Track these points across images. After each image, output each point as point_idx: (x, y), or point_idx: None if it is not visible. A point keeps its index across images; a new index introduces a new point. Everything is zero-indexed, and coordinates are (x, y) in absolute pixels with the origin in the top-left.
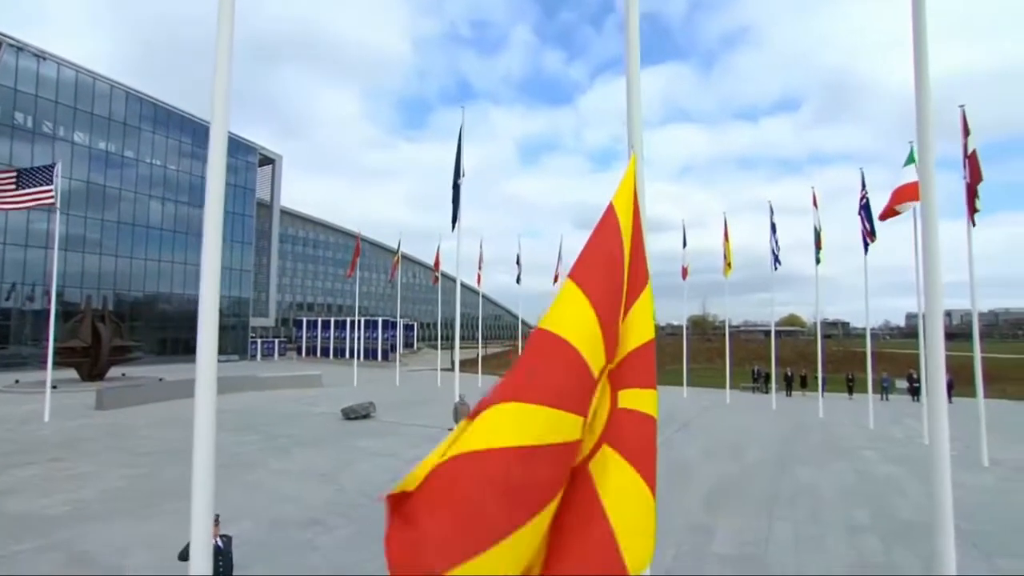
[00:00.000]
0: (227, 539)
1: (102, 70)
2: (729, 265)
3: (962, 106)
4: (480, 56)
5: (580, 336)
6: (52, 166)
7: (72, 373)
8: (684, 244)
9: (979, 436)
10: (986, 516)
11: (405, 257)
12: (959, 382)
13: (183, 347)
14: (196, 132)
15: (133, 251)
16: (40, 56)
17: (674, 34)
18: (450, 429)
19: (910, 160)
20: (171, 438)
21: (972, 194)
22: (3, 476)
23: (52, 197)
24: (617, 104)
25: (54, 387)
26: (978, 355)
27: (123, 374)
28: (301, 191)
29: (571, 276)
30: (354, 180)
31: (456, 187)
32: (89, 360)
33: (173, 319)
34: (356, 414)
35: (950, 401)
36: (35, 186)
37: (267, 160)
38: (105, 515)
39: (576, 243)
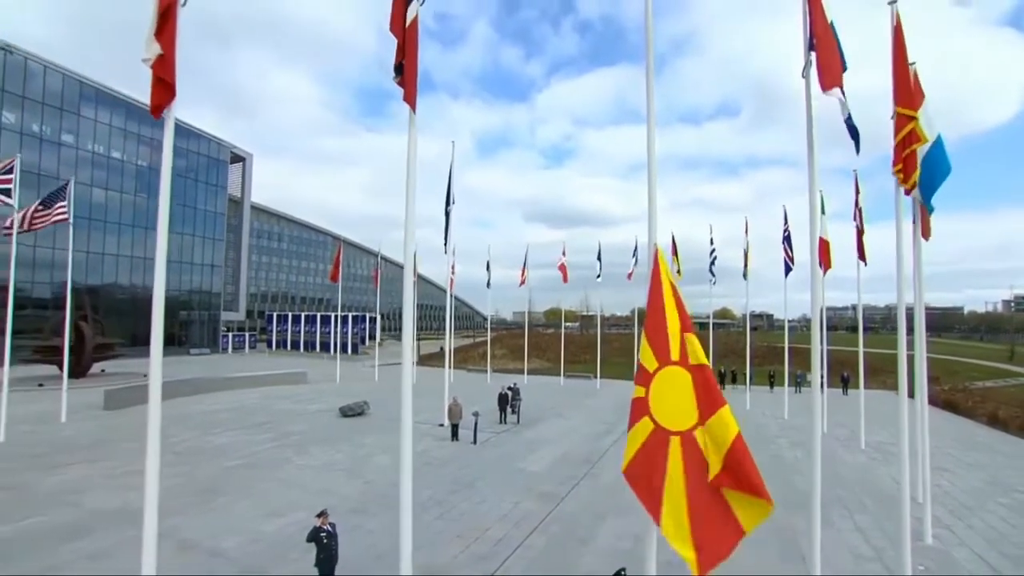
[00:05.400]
0: (333, 525)
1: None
2: (679, 273)
3: (855, 170)
4: (442, 49)
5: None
6: (65, 185)
7: (54, 370)
8: (635, 253)
9: (859, 424)
10: (856, 486)
11: (365, 249)
12: (854, 375)
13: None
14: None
15: (85, 244)
16: None
17: (628, 35)
18: (441, 425)
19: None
20: (186, 437)
21: (861, 239)
22: (57, 475)
23: (66, 213)
24: (570, 103)
25: (40, 385)
26: (861, 360)
27: (102, 370)
28: (256, 176)
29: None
30: (309, 165)
31: (447, 213)
32: (72, 358)
33: (136, 313)
34: (353, 412)
35: (846, 394)
36: (55, 203)
37: (238, 158)
38: (180, 509)
39: (532, 237)
